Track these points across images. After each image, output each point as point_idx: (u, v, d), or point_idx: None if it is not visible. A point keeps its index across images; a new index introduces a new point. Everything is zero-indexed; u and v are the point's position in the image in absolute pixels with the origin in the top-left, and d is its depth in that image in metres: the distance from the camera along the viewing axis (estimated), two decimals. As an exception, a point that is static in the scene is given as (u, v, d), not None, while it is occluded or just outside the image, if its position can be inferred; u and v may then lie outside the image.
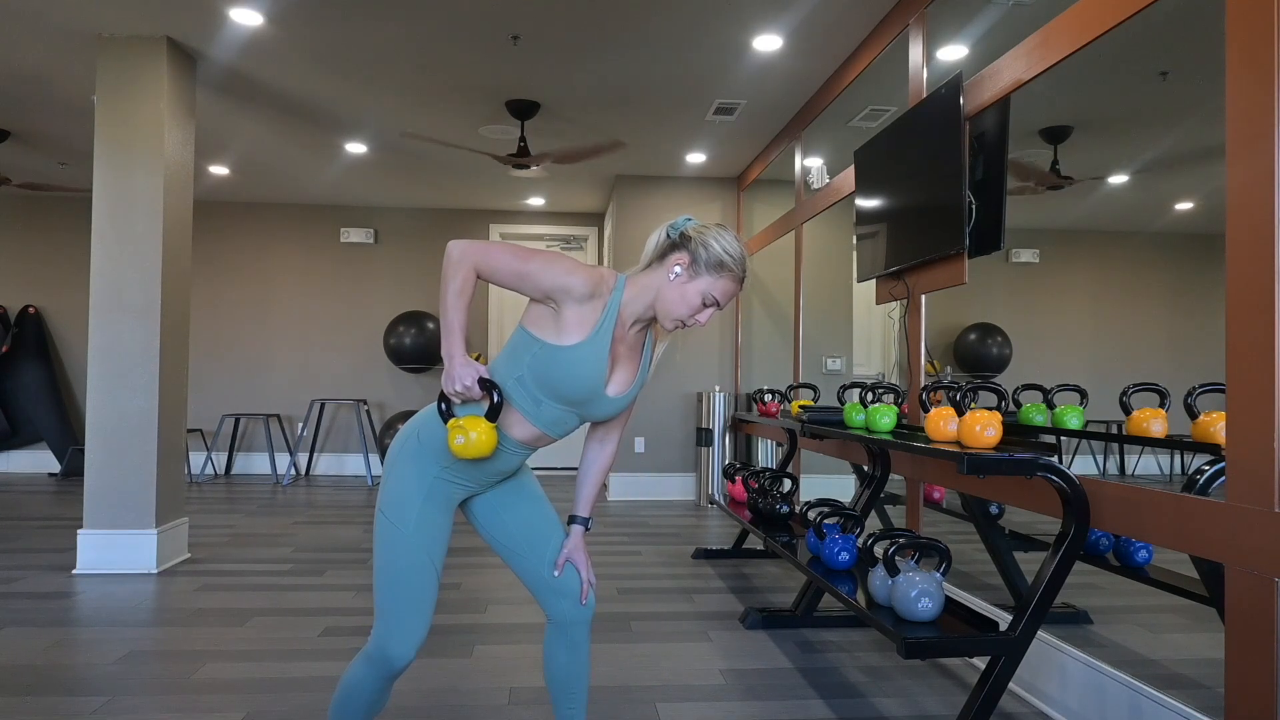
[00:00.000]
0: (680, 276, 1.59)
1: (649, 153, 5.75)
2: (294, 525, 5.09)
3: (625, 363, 1.65)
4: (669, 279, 1.59)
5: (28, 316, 7.26)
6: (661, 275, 1.60)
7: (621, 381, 1.65)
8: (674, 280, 1.59)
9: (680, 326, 1.62)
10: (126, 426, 3.85)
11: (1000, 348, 2.92)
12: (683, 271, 1.59)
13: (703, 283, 1.58)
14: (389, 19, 3.67)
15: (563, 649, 1.76)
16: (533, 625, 3.11)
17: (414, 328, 7.30)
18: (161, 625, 3.05)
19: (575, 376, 1.57)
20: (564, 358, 1.55)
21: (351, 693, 1.63)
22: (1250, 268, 1.63)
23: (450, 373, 1.56)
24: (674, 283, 1.59)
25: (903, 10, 3.39)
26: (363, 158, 5.94)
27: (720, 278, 1.59)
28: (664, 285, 1.60)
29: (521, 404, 1.60)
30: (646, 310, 1.62)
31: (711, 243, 1.58)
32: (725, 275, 1.59)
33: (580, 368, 1.56)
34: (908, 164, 3.10)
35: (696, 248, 1.58)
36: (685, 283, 1.58)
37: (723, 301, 1.61)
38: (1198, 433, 1.86)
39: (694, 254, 1.58)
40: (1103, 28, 2.12)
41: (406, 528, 1.58)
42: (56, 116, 5.04)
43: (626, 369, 1.66)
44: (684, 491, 6.44)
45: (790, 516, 3.58)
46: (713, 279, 1.58)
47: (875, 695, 2.47)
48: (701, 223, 1.63)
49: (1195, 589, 1.93)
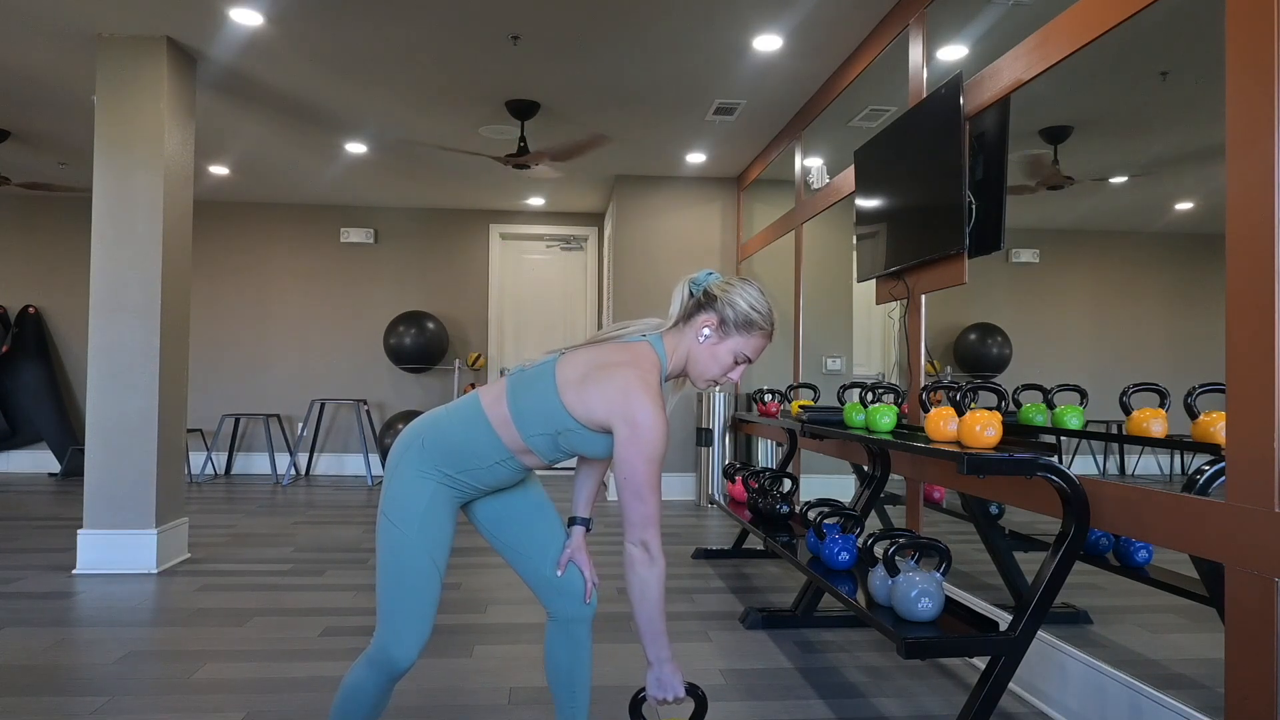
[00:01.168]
0: (710, 339, 1.61)
1: (649, 153, 5.75)
2: (294, 525, 5.09)
3: None
4: (698, 341, 1.61)
5: (28, 316, 7.26)
6: (690, 337, 1.62)
7: None
8: (704, 343, 1.61)
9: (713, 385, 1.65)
10: (126, 426, 3.85)
11: (1000, 348, 2.92)
12: (712, 334, 1.60)
13: (733, 342, 1.61)
14: (389, 19, 3.67)
15: (564, 647, 1.77)
16: (533, 625, 3.11)
17: (414, 328, 7.29)
18: (161, 625, 3.05)
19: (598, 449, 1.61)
20: (596, 441, 1.59)
21: (354, 695, 1.63)
22: (1250, 268, 1.63)
23: (663, 680, 1.57)
24: (704, 344, 1.61)
25: (903, 10, 3.39)
26: (363, 158, 5.94)
27: (751, 336, 1.61)
28: (694, 348, 1.62)
29: (539, 449, 1.61)
30: (679, 371, 1.66)
31: (738, 301, 1.60)
32: (755, 333, 1.61)
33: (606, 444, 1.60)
34: (908, 164, 3.10)
35: (724, 308, 1.60)
36: (715, 344, 1.61)
37: (754, 358, 1.64)
38: (1198, 433, 1.86)
39: (721, 314, 1.60)
40: (1103, 28, 2.12)
41: (410, 531, 1.57)
42: (56, 116, 5.04)
43: None
44: (684, 491, 6.44)
45: (790, 516, 3.58)
46: (743, 338, 1.61)
47: (875, 695, 2.47)
48: (724, 279, 1.64)
49: (1195, 589, 1.93)
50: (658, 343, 1.62)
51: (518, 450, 1.61)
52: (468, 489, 1.65)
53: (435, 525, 1.60)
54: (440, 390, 7.74)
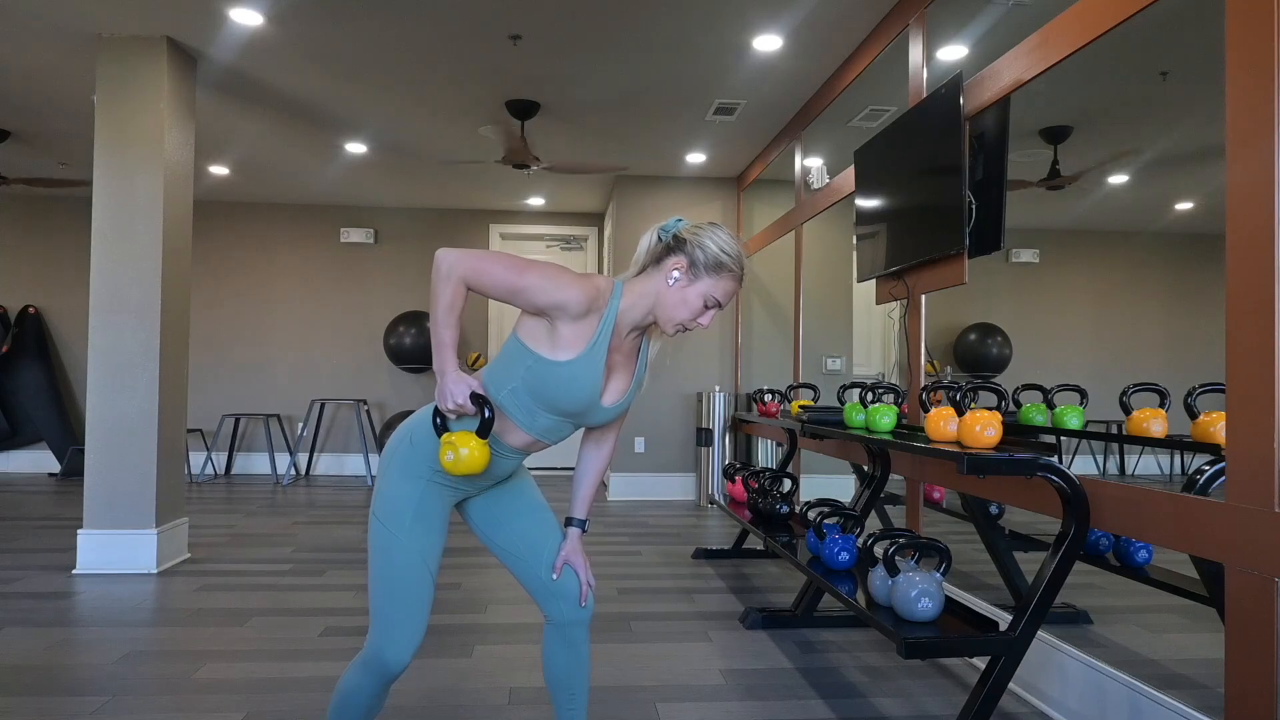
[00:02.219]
0: (679, 281, 1.57)
1: (649, 153, 5.75)
2: (294, 525, 5.09)
3: (621, 370, 1.65)
4: (667, 284, 1.58)
5: (28, 316, 7.26)
6: (659, 280, 1.59)
7: (617, 389, 1.64)
8: (673, 285, 1.57)
9: (682, 330, 1.60)
10: (126, 426, 3.85)
11: (1000, 348, 2.92)
12: (681, 275, 1.57)
13: (703, 285, 1.57)
14: (389, 19, 3.67)
15: (561, 649, 1.75)
16: (533, 625, 3.11)
17: (414, 328, 7.30)
18: (161, 625, 3.05)
19: (570, 391, 1.55)
20: (559, 373, 1.54)
21: (348, 698, 1.62)
22: (1250, 268, 1.62)
23: (442, 389, 1.52)
24: (673, 288, 1.57)
25: (903, 10, 3.39)
26: (363, 158, 5.94)
27: (720, 278, 1.58)
28: (662, 290, 1.58)
29: (516, 414, 1.59)
30: (645, 317, 1.61)
31: (708, 243, 1.57)
32: (725, 275, 1.58)
33: (575, 383, 1.55)
34: (908, 164, 3.10)
35: (693, 250, 1.57)
36: (685, 286, 1.57)
37: (724, 301, 1.60)
38: (1198, 433, 1.86)
39: (691, 256, 1.57)
40: (1103, 28, 2.12)
41: (401, 532, 1.56)
42: (56, 116, 5.04)
43: (622, 376, 1.65)
44: (684, 491, 6.44)
45: (790, 516, 3.58)
46: (713, 280, 1.57)
47: (875, 695, 2.47)
48: (694, 223, 1.61)
49: (1195, 589, 1.93)
50: (617, 284, 1.60)
51: (502, 430, 1.60)
52: (459, 486, 1.64)
53: (426, 525, 1.59)
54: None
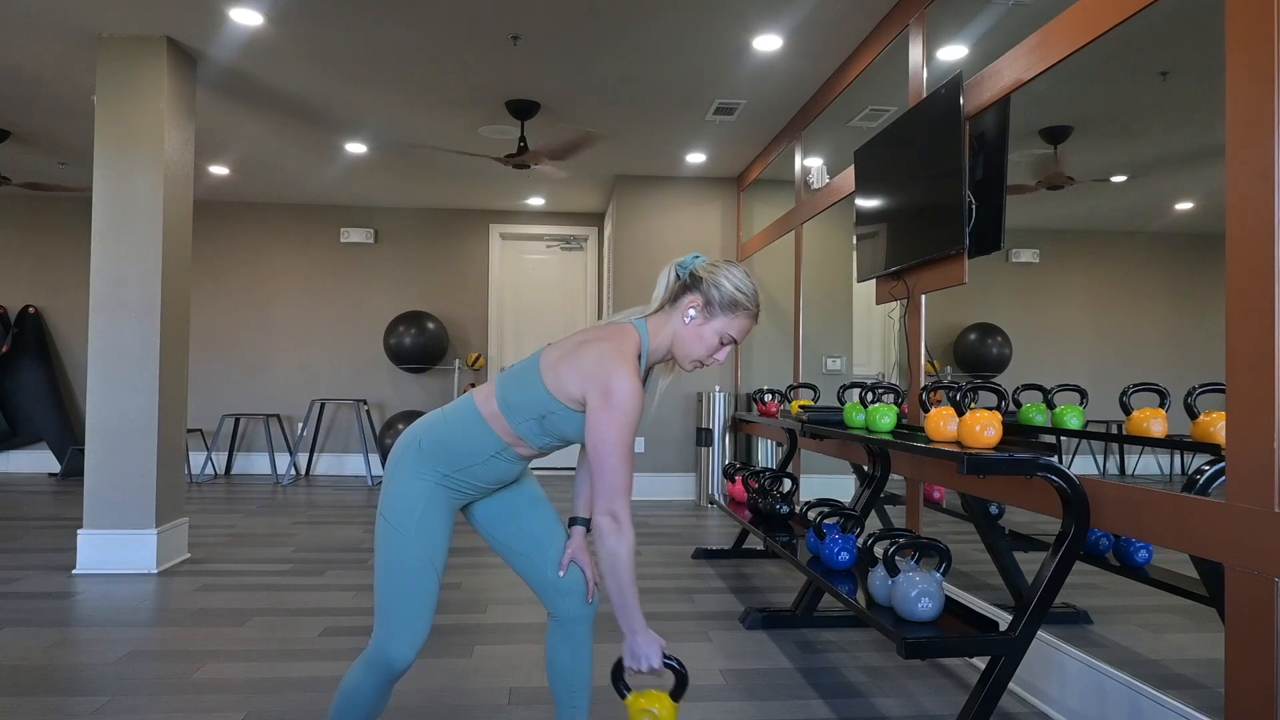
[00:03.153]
0: (695, 319, 1.63)
1: (649, 153, 5.75)
2: (294, 525, 5.09)
3: None
4: (684, 322, 1.64)
5: (28, 316, 7.26)
6: (676, 319, 1.65)
7: None
8: (689, 323, 1.63)
9: (699, 366, 1.66)
10: (126, 426, 3.85)
11: (1000, 348, 2.92)
12: (697, 314, 1.63)
13: (718, 323, 1.63)
14: (389, 19, 3.67)
15: (565, 647, 1.77)
16: (533, 625, 3.11)
17: (414, 328, 7.29)
18: (161, 625, 3.05)
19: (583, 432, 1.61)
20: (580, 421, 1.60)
21: (352, 696, 1.63)
22: (1250, 268, 1.63)
23: (635, 649, 1.58)
24: (689, 325, 1.63)
25: (903, 10, 3.39)
26: (363, 158, 5.94)
27: (736, 316, 1.63)
28: (680, 329, 1.64)
29: (531, 438, 1.63)
30: (665, 354, 1.67)
31: (724, 282, 1.62)
32: (741, 313, 1.64)
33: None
34: (908, 164, 3.10)
35: (709, 289, 1.62)
36: (701, 325, 1.63)
37: (740, 339, 1.66)
38: (1198, 433, 1.86)
39: (707, 295, 1.62)
40: (1103, 28, 2.12)
41: (408, 532, 1.58)
42: (56, 116, 5.04)
43: None
44: (684, 491, 6.44)
45: (790, 516, 3.58)
46: (728, 319, 1.63)
47: (875, 695, 2.47)
48: (710, 261, 1.67)
49: (1195, 589, 1.93)
50: (641, 325, 1.65)
51: (511, 441, 1.63)
52: (466, 488, 1.66)
53: (433, 526, 1.61)
54: (440, 390, 7.74)
